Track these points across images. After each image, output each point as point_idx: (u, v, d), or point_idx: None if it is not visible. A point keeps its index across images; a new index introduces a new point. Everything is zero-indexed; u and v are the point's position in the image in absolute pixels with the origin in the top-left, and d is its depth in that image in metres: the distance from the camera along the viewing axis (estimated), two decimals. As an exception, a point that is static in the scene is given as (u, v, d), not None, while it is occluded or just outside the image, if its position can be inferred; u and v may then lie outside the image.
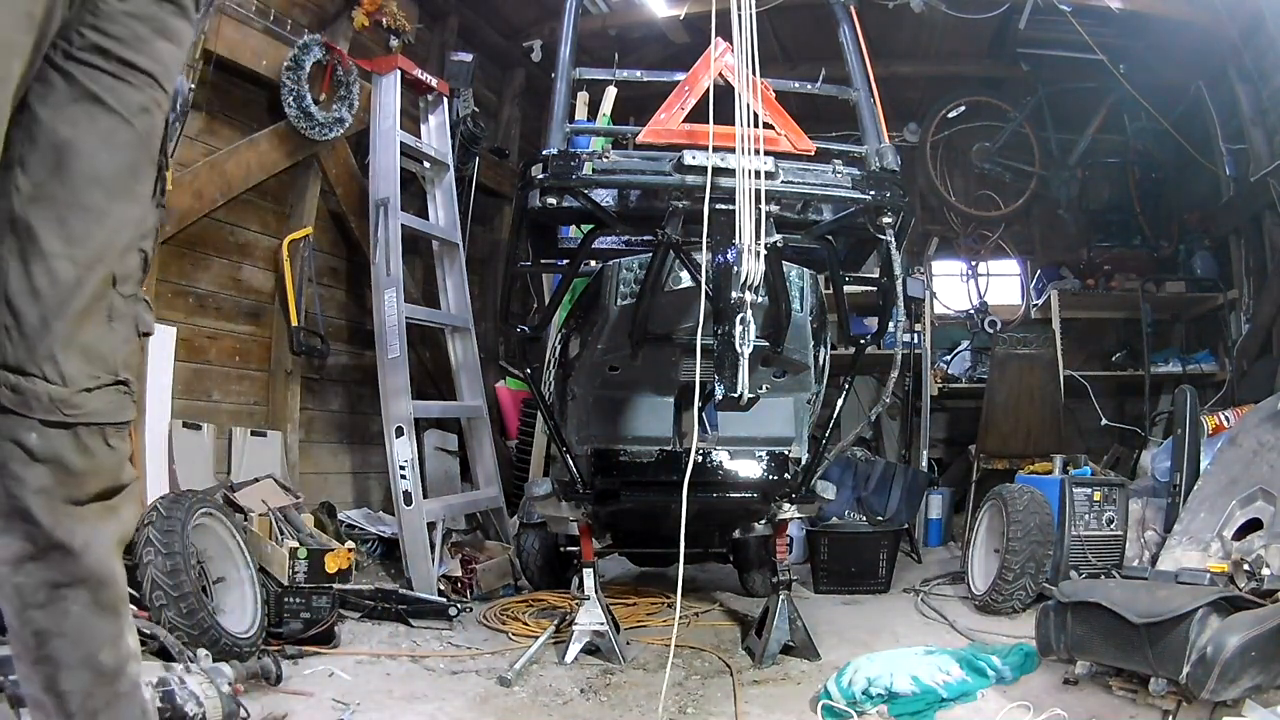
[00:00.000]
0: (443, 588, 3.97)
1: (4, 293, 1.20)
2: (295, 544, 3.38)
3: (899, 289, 2.97)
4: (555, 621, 3.44)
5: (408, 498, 3.98)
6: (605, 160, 2.74)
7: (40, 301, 1.20)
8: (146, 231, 1.32)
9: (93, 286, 1.23)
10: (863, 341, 3.41)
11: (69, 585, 1.25)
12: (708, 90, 2.69)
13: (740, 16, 2.45)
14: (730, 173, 2.45)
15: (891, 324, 3.39)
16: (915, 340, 5.88)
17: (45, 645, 1.25)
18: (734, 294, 2.42)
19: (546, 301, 3.79)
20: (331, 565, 3.38)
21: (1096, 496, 3.89)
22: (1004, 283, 6.88)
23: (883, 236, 2.88)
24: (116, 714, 1.31)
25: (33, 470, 1.21)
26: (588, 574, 3.21)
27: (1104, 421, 5.93)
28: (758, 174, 2.43)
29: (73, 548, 1.23)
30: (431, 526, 4.06)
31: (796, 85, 3.36)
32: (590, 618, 3.16)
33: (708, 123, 2.58)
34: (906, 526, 5.18)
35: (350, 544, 3.69)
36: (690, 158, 2.62)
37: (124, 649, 1.33)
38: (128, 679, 1.34)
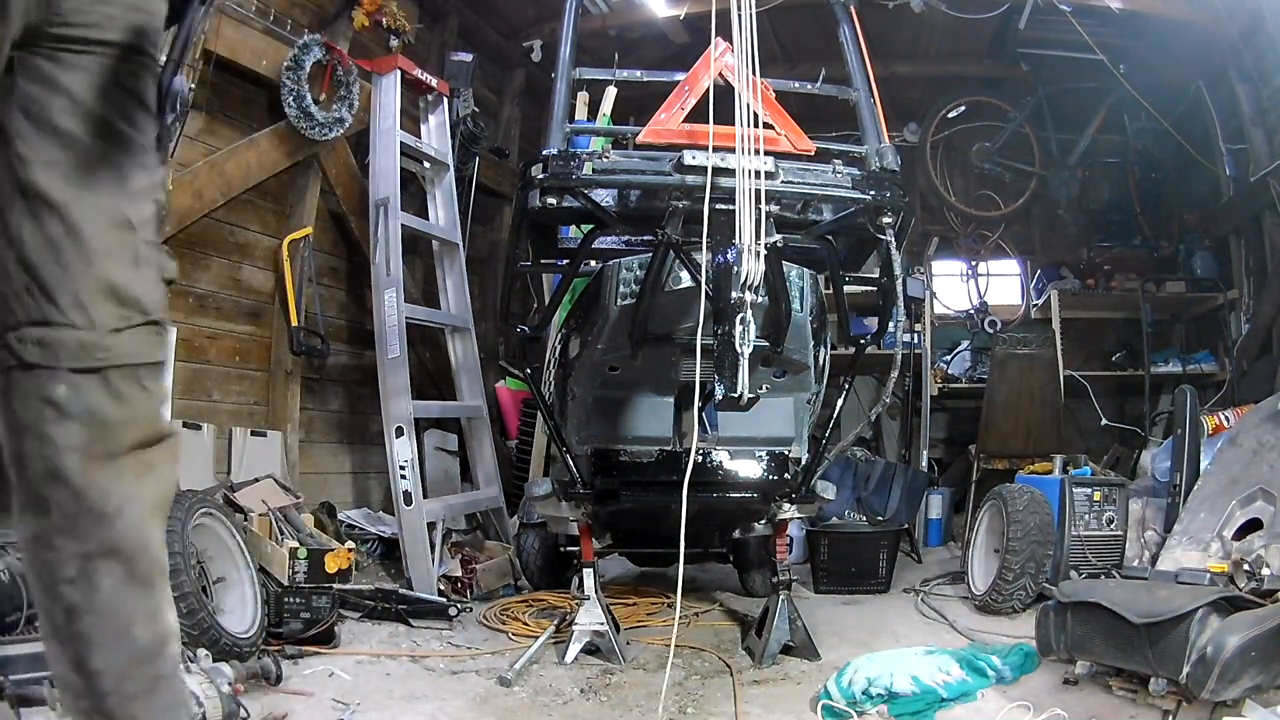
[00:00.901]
0: (443, 588, 3.97)
1: (20, 255, 1.17)
2: (295, 544, 3.38)
3: (899, 289, 2.97)
4: (555, 621, 3.44)
5: (408, 498, 3.98)
6: (605, 160, 2.74)
7: (58, 251, 1.17)
8: (156, 182, 1.29)
9: (110, 227, 1.20)
10: (863, 341, 3.41)
11: (100, 557, 1.18)
12: (708, 90, 2.69)
13: (740, 16, 2.44)
14: (730, 173, 2.45)
15: (891, 324, 3.39)
16: (915, 340, 5.88)
17: (75, 621, 1.19)
18: (734, 294, 2.42)
19: (546, 301, 3.79)
20: (331, 565, 3.38)
21: (1096, 496, 3.89)
22: (1004, 283, 6.88)
23: (883, 236, 2.88)
24: (155, 699, 1.24)
25: (64, 428, 1.15)
26: (588, 574, 3.21)
27: (1104, 421, 5.93)
28: (758, 174, 2.43)
29: (105, 512, 1.18)
30: (431, 526, 4.05)
31: (796, 85, 3.35)
32: (590, 618, 3.16)
33: (708, 123, 2.58)
34: (906, 526, 5.18)
35: (350, 544, 3.69)
36: (690, 158, 2.62)
37: (162, 625, 1.25)
38: (168, 660, 1.27)
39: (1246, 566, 2.61)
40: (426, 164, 4.82)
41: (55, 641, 1.22)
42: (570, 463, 3.26)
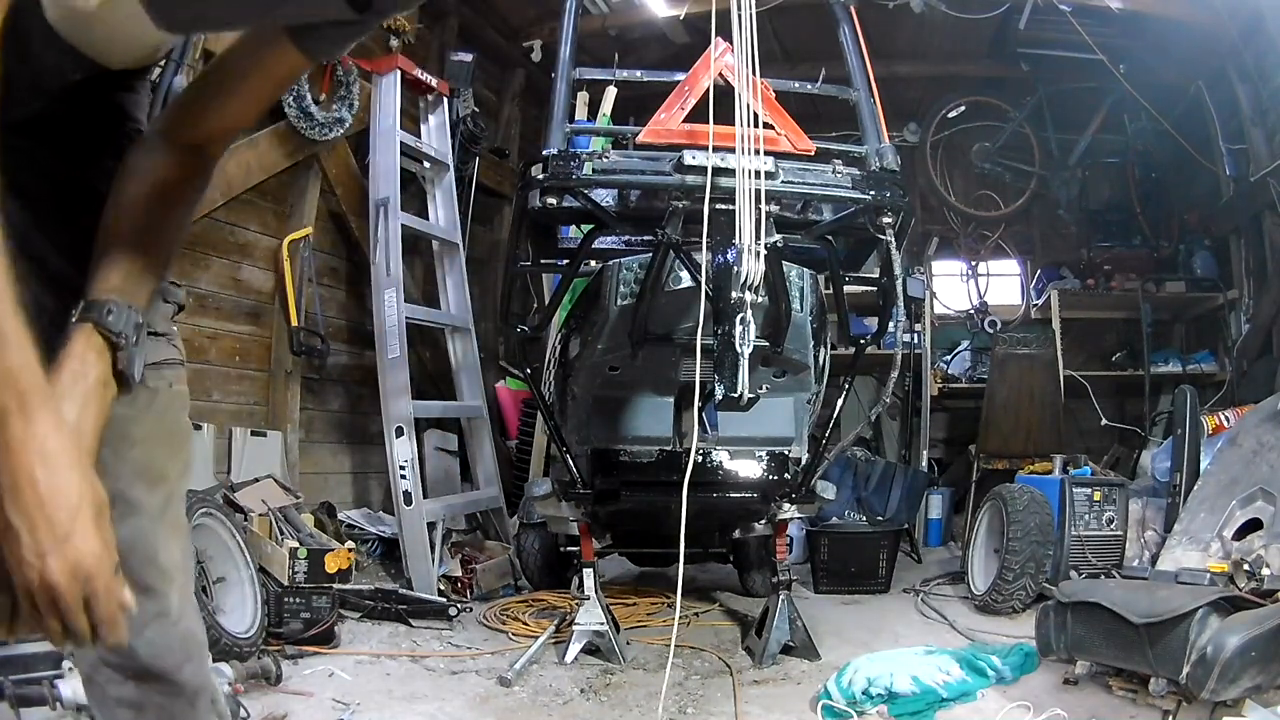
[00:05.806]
0: (443, 588, 3.97)
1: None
2: (295, 544, 3.38)
3: (899, 289, 2.97)
4: (555, 621, 3.44)
5: (408, 498, 3.98)
6: (605, 160, 2.74)
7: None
8: None
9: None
10: (863, 341, 3.41)
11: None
12: (708, 90, 2.69)
13: (740, 16, 2.44)
14: (730, 173, 2.45)
15: (891, 324, 3.39)
16: (915, 340, 5.88)
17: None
18: (734, 294, 2.42)
19: (546, 301, 3.79)
20: (331, 565, 3.38)
21: (1096, 496, 3.89)
22: (1004, 283, 6.87)
23: (883, 236, 2.88)
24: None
25: None
26: (588, 574, 3.21)
27: (1104, 421, 5.92)
28: (758, 174, 2.43)
29: None
30: (431, 526, 4.05)
31: (796, 85, 3.36)
32: (590, 618, 3.16)
33: (708, 123, 2.58)
34: (906, 526, 5.18)
35: (350, 544, 3.69)
36: (690, 158, 2.62)
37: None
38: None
39: (1246, 566, 2.61)
40: (426, 164, 4.82)
41: None
42: (570, 463, 3.25)
